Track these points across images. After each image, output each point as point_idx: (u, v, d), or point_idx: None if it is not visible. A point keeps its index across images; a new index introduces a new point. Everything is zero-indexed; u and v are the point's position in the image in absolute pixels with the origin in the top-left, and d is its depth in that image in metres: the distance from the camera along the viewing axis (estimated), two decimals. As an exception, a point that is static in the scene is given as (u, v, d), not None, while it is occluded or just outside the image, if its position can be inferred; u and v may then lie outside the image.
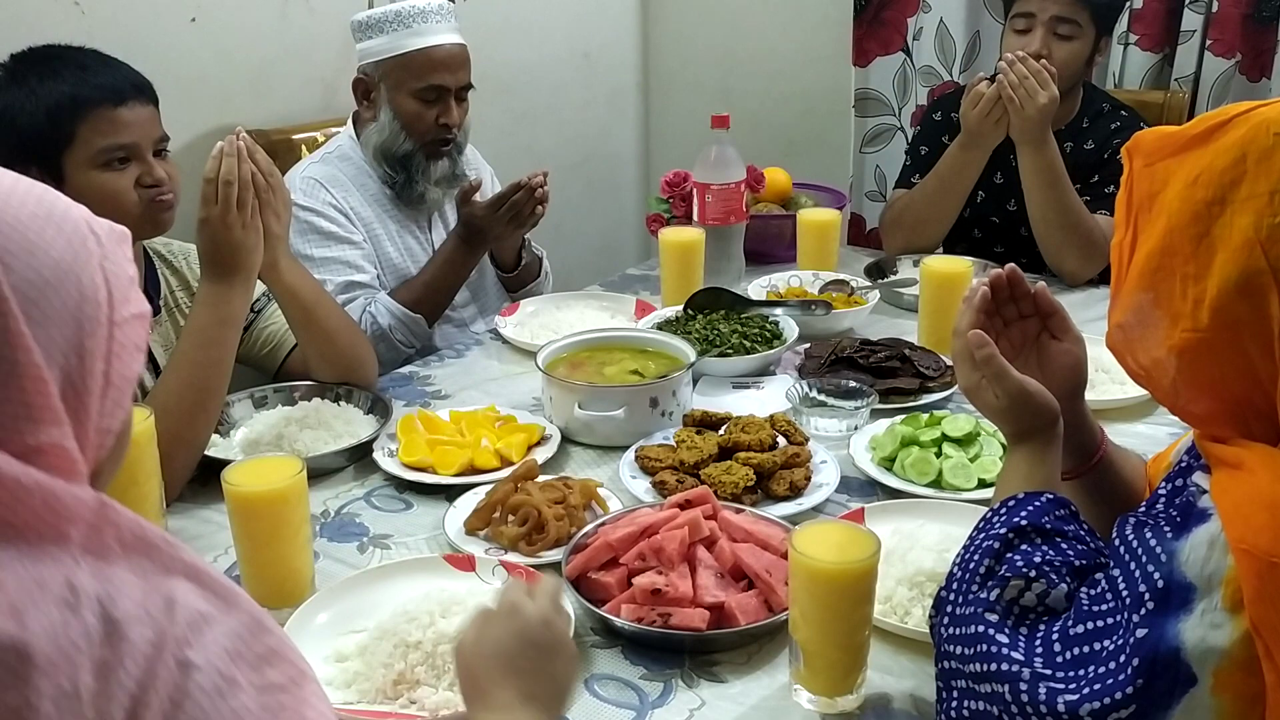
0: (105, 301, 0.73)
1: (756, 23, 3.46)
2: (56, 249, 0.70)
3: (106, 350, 0.73)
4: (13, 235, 0.69)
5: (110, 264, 0.75)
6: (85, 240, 0.73)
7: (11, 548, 0.64)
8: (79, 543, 0.66)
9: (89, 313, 0.71)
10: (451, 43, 2.15)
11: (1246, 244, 0.84)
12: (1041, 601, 0.95)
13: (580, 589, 1.25)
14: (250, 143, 1.60)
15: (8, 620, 0.61)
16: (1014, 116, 2.19)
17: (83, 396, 0.71)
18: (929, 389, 1.78)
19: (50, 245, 0.70)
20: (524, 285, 2.38)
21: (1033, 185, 2.26)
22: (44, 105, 1.56)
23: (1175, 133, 0.92)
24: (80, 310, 0.71)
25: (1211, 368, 0.89)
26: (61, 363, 0.69)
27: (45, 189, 0.74)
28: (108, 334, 0.73)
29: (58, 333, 0.69)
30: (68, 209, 0.74)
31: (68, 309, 0.70)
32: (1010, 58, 2.18)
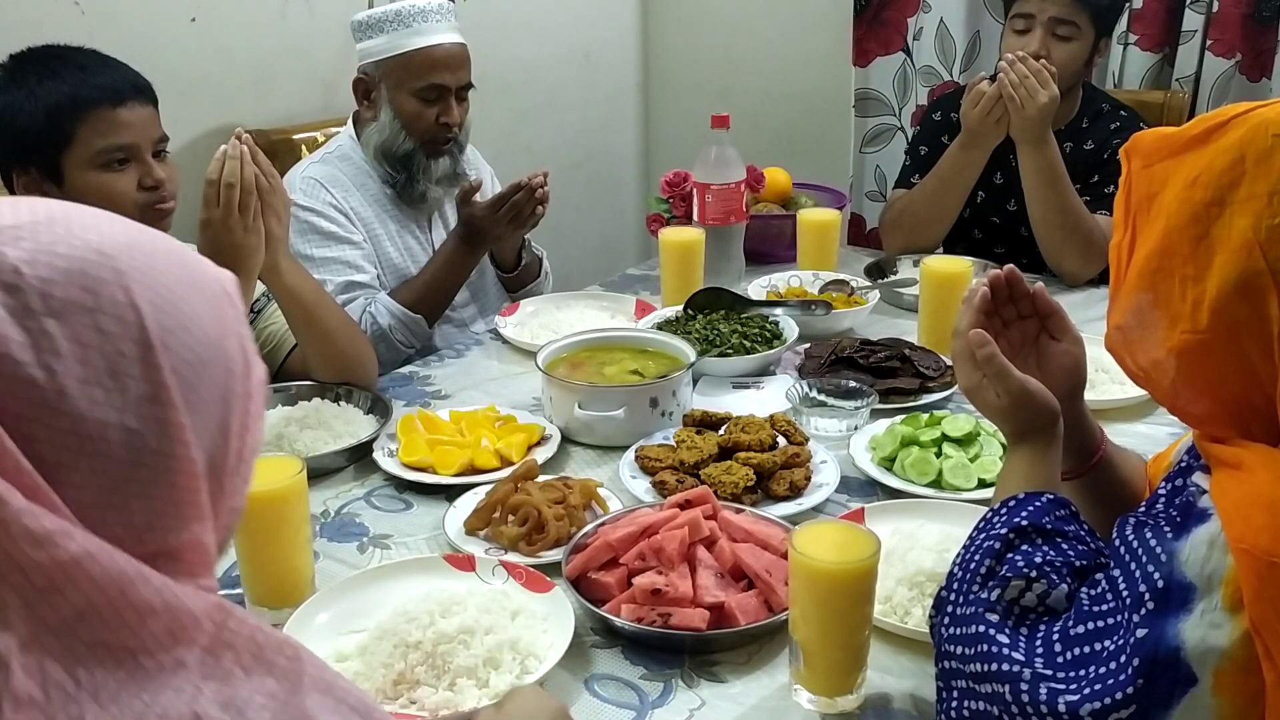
0: (241, 373, 0.67)
1: (756, 23, 3.46)
2: (207, 321, 0.64)
3: (242, 425, 0.67)
4: (169, 310, 0.61)
5: (241, 324, 0.68)
6: (224, 304, 0.67)
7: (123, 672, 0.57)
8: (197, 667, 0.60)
9: (233, 388, 0.66)
10: (451, 42, 2.15)
11: (1245, 245, 0.84)
12: (1042, 602, 0.95)
13: (580, 589, 1.25)
14: (251, 145, 1.60)
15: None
16: (1014, 116, 2.19)
17: (222, 480, 0.65)
18: (929, 389, 1.78)
19: (201, 318, 0.63)
20: (524, 285, 2.38)
21: (1033, 185, 2.26)
22: (43, 106, 1.56)
23: (1174, 134, 0.92)
24: (226, 387, 0.65)
25: (1211, 369, 0.89)
26: (209, 448, 0.64)
27: (179, 243, 0.67)
28: (244, 408, 0.67)
29: (209, 416, 0.63)
30: (204, 268, 0.67)
31: (217, 388, 0.64)
32: (1010, 57, 2.18)
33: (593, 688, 1.16)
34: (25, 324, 0.56)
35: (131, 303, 0.60)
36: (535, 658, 1.16)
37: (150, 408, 0.59)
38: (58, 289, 0.57)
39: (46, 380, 0.56)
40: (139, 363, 0.59)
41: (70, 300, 0.58)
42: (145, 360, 0.59)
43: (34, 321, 0.56)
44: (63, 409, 0.56)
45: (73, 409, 0.57)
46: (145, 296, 0.60)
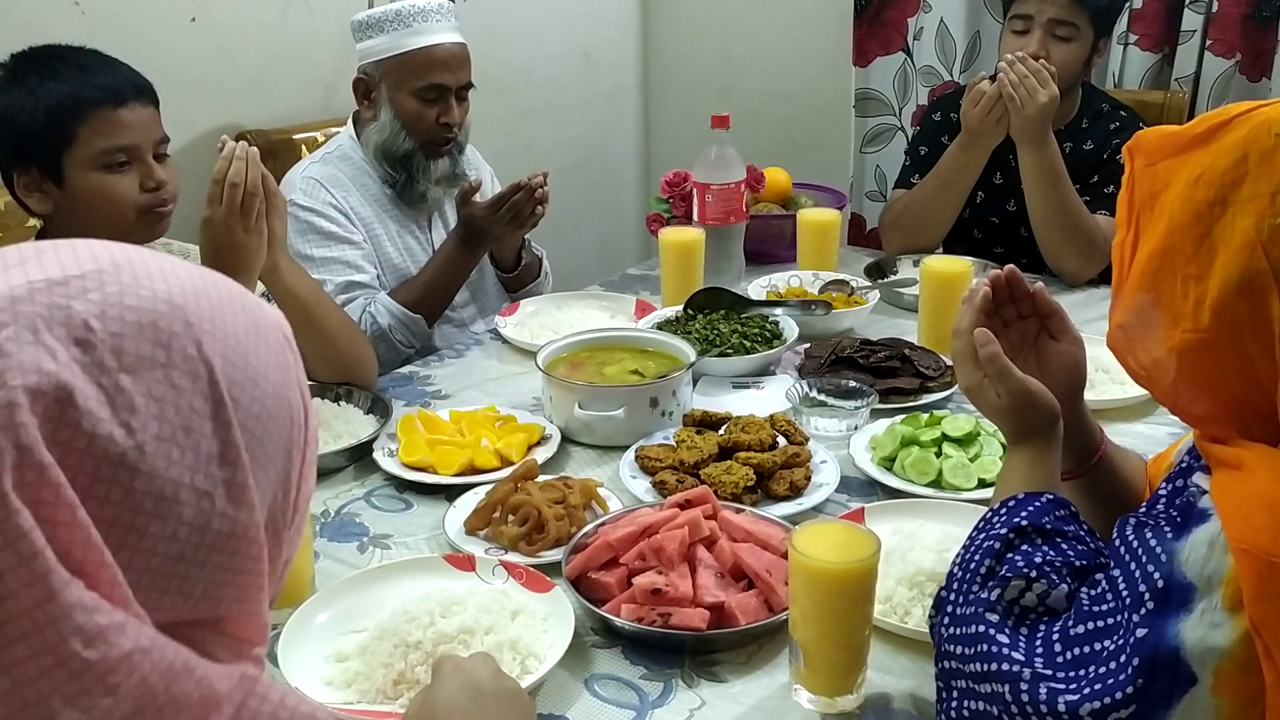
0: (302, 422, 0.64)
1: (756, 23, 3.46)
2: (272, 372, 0.61)
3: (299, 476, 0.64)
4: (239, 363, 0.59)
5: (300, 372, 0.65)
6: (285, 352, 0.63)
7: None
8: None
9: (295, 438, 0.62)
10: (452, 42, 2.15)
11: (1248, 244, 0.84)
12: (1042, 602, 0.95)
13: (580, 589, 1.25)
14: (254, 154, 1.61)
15: None
16: (1014, 115, 2.19)
17: (279, 534, 0.62)
18: (929, 389, 1.78)
19: (268, 369, 0.60)
20: (524, 285, 2.38)
21: (1033, 185, 2.26)
22: (44, 106, 1.56)
23: (1177, 132, 0.92)
24: (290, 439, 0.62)
25: (1212, 368, 0.89)
26: (271, 505, 0.61)
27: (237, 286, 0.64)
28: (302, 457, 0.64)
29: (273, 471, 0.60)
30: (266, 315, 0.64)
31: (281, 440, 0.61)
32: (1010, 57, 2.18)
33: (593, 688, 1.16)
34: (100, 380, 0.54)
35: (202, 356, 0.57)
36: (535, 658, 1.16)
37: (219, 468, 0.57)
38: (130, 343, 0.55)
39: (125, 438, 0.53)
40: (210, 420, 0.57)
41: (143, 355, 0.55)
42: (216, 417, 0.57)
43: (109, 378, 0.54)
44: (140, 468, 0.54)
45: (150, 468, 0.54)
46: (216, 349, 0.58)
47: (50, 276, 0.56)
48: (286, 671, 1.14)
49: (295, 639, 1.19)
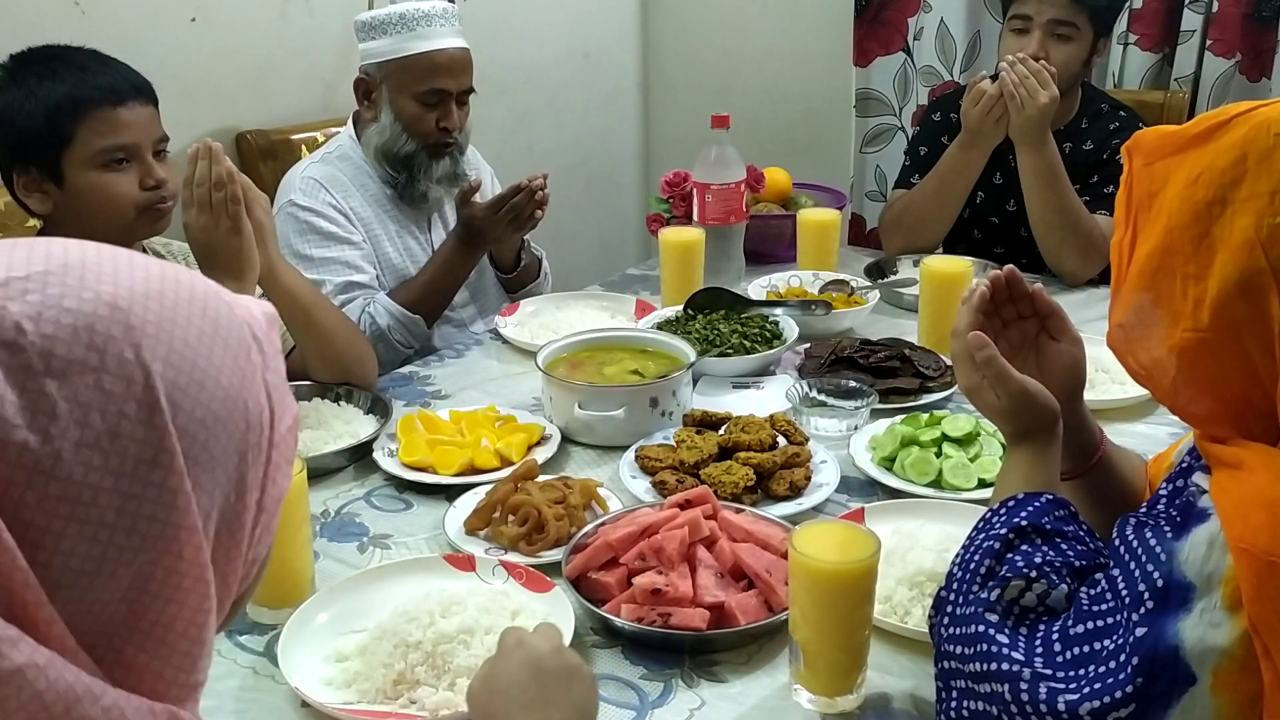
0: (268, 423, 0.64)
1: (756, 23, 3.46)
2: (225, 374, 0.61)
3: (263, 476, 0.64)
4: (184, 366, 0.58)
5: (271, 375, 0.65)
6: (249, 352, 0.63)
7: None
8: None
9: (252, 441, 0.62)
10: (455, 47, 2.15)
11: (1247, 244, 0.84)
12: (1042, 602, 0.95)
13: (580, 589, 1.25)
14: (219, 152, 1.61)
15: None
16: (1014, 116, 2.19)
17: (236, 534, 0.63)
18: (929, 389, 1.78)
19: (219, 371, 0.60)
20: (523, 286, 2.38)
21: (1032, 186, 2.26)
22: (43, 106, 1.56)
23: (1175, 132, 0.92)
24: (245, 441, 0.62)
25: (1212, 368, 0.89)
26: (220, 505, 0.61)
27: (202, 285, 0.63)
28: (266, 459, 0.64)
29: (222, 473, 0.60)
30: (230, 314, 0.64)
31: (233, 444, 0.61)
32: (1011, 58, 2.18)
33: (593, 687, 1.16)
34: (24, 384, 0.54)
35: (139, 360, 0.57)
36: (535, 657, 1.15)
37: (150, 471, 0.57)
38: (61, 347, 0.55)
39: (40, 444, 0.54)
40: (142, 425, 0.56)
41: (73, 359, 0.55)
42: (149, 422, 0.57)
43: (33, 382, 0.54)
44: (55, 474, 0.54)
45: (65, 473, 0.54)
46: (157, 353, 0.58)
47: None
48: (286, 671, 1.14)
49: (295, 639, 1.19)
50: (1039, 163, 2.23)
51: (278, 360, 0.66)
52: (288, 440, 0.66)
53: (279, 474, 0.65)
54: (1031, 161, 2.24)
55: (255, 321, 0.66)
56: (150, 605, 0.58)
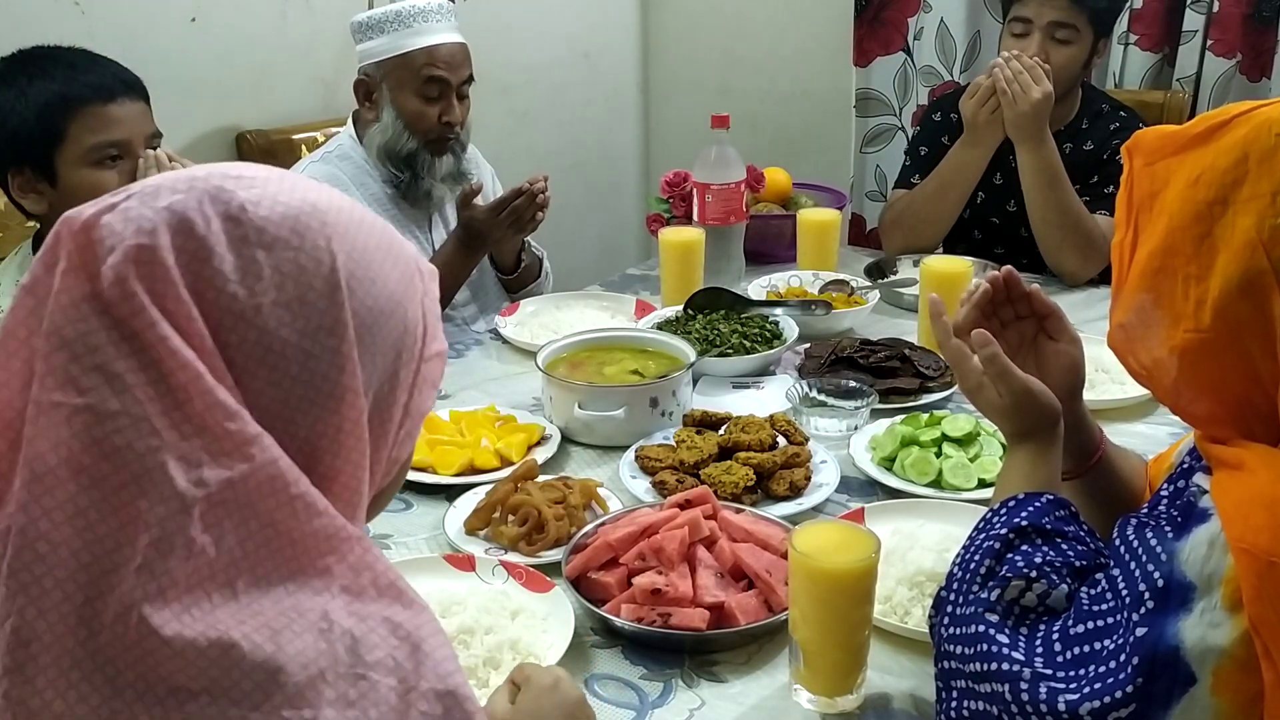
0: (421, 336, 0.75)
1: (756, 23, 3.46)
2: (393, 280, 0.72)
3: (412, 383, 0.74)
4: (362, 262, 0.70)
5: (429, 300, 0.77)
6: (415, 276, 0.75)
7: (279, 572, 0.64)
8: (339, 577, 0.66)
9: (408, 344, 0.73)
10: (452, 41, 2.15)
11: (1248, 244, 0.84)
12: (1042, 602, 0.95)
13: (580, 589, 1.25)
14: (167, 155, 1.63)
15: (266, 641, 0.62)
16: (1007, 111, 2.19)
17: (385, 425, 0.72)
18: (929, 389, 1.78)
19: (388, 278, 0.72)
20: (524, 286, 2.38)
21: (1031, 185, 2.25)
22: (34, 105, 1.56)
23: (1176, 132, 0.92)
24: (401, 341, 0.72)
25: (1213, 368, 0.89)
26: (376, 389, 0.71)
27: (385, 223, 0.75)
28: (416, 368, 0.74)
29: (381, 360, 0.71)
30: (403, 245, 0.76)
31: (393, 338, 0.72)
32: (1006, 55, 2.18)
33: (593, 688, 1.16)
34: (240, 250, 0.66)
35: (329, 249, 0.69)
36: (535, 658, 1.16)
37: (328, 338, 0.67)
38: (271, 226, 0.67)
39: (246, 297, 0.65)
40: (325, 298, 0.67)
41: (279, 237, 0.67)
42: (331, 297, 0.68)
43: (247, 249, 0.66)
44: (254, 322, 0.65)
45: (262, 324, 0.65)
46: (343, 247, 0.69)
47: (228, 172, 0.70)
48: (286, 671, 1.14)
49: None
50: (1038, 162, 2.23)
51: (435, 298, 0.78)
52: (435, 365, 0.77)
53: (426, 387, 0.76)
54: (1030, 160, 2.23)
55: (422, 260, 0.78)
56: (321, 457, 0.68)
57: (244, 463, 0.63)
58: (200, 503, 0.62)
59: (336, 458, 0.68)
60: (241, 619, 0.62)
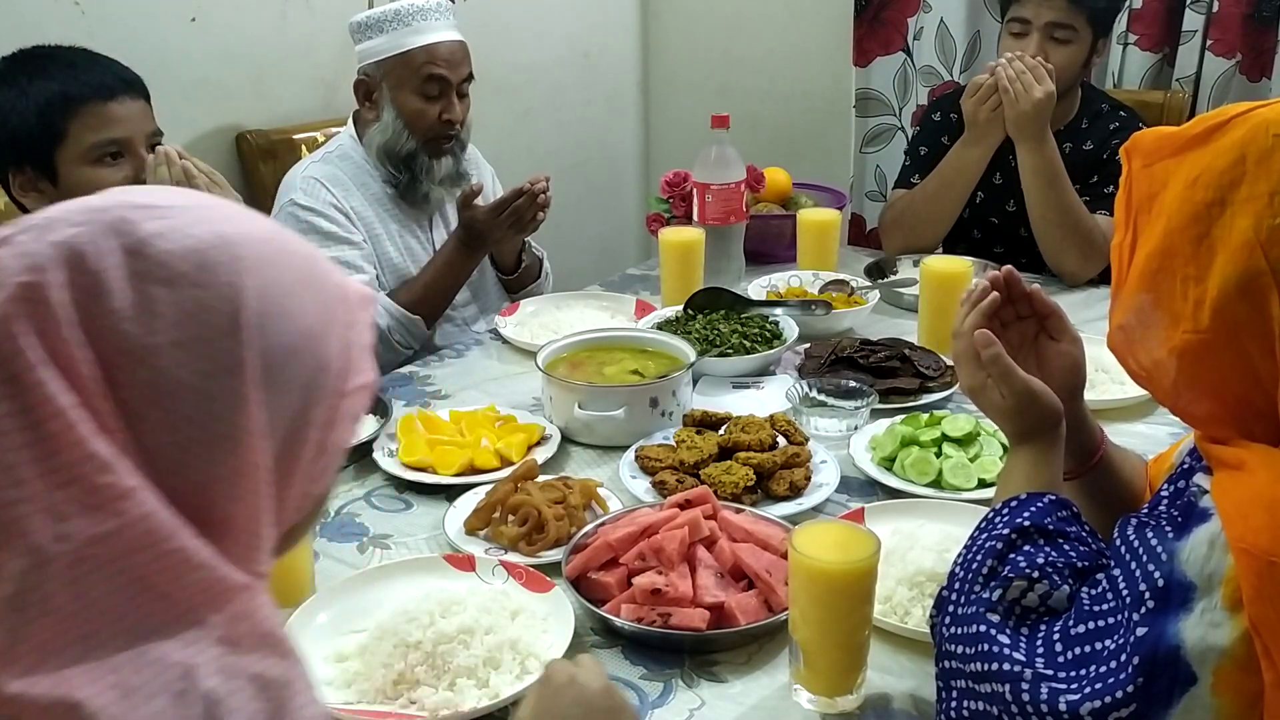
0: (339, 372, 0.71)
1: (756, 23, 3.46)
2: (310, 315, 0.69)
3: (328, 419, 0.71)
4: (271, 299, 0.67)
5: (356, 331, 0.74)
6: (337, 307, 0.73)
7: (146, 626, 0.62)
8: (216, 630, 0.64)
9: (323, 381, 0.70)
10: (451, 39, 2.15)
11: (1246, 245, 0.84)
12: (1044, 602, 0.95)
13: (580, 589, 1.25)
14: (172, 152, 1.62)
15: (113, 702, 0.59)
16: (1009, 109, 2.19)
17: (294, 464, 0.70)
18: (929, 389, 1.78)
19: (304, 311, 0.69)
20: (524, 286, 2.38)
21: (1032, 185, 2.26)
22: (35, 104, 1.56)
23: (1174, 133, 0.92)
24: (315, 379, 0.70)
25: (1212, 369, 0.89)
26: (283, 431, 0.68)
27: (311, 252, 0.73)
28: (335, 404, 0.71)
29: (290, 399, 0.68)
30: (327, 275, 0.73)
31: (305, 376, 0.69)
32: (1009, 55, 2.18)
33: (593, 688, 1.16)
34: (138, 286, 0.63)
35: (237, 284, 0.66)
36: (535, 658, 1.16)
37: (228, 378, 0.65)
38: (176, 261, 0.64)
39: (142, 336, 0.63)
40: (228, 337, 0.65)
41: (182, 273, 0.64)
42: (235, 337, 0.65)
43: (147, 286, 0.63)
44: (149, 363, 0.63)
45: (157, 364, 0.63)
46: (253, 282, 0.66)
47: (137, 200, 0.67)
48: (286, 671, 1.14)
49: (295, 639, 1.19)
50: (1038, 161, 2.23)
51: (362, 327, 0.75)
52: (359, 397, 0.74)
53: (346, 422, 0.73)
54: (1031, 160, 2.24)
55: (351, 288, 0.76)
56: (216, 501, 0.65)
57: (115, 518, 0.61)
58: (62, 558, 0.60)
59: (233, 501, 0.66)
60: (94, 678, 0.60)
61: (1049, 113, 2.19)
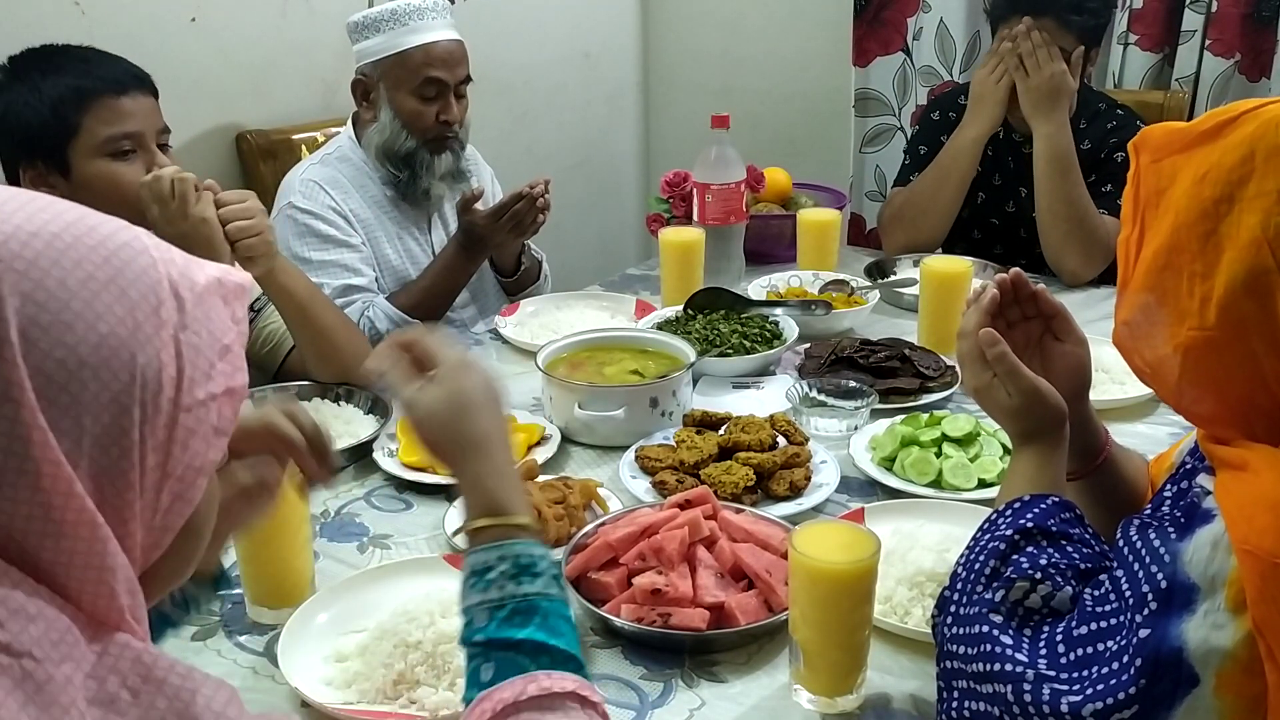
0: (170, 383, 0.62)
1: (756, 23, 3.46)
2: (107, 322, 0.60)
3: (164, 439, 0.62)
4: (50, 306, 0.58)
5: (191, 334, 0.64)
6: (157, 308, 0.62)
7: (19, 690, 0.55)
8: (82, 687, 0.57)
9: (141, 395, 0.61)
10: (449, 39, 2.15)
11: (1254, 242, 0.84)
12: (1046, 604, 0.95)
13: (580, 589, 1.25)
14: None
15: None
16: (1021, 84, 2.19)
17: (125, 494, 0.61)
18: (929, 389, 1.78)
19: (99, 317, 0.59)
20: (524, 289, 2.38)
21: (1044, 173, 2.24)
22: (48, 99, 1.57)
23: (1183, 129, 0.91)
24: (128, 394, 0.60)
25: (1217, 367, 0.89)
26: (95, 456, 0.59)
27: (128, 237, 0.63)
28: (168, 421, 0.62)
29: (92, 422, 0.59)
30: (146, 268, 0.63)
31: (110, 392, 0.59)
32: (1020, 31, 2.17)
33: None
34: None
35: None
36: (535, 658, 1.15)
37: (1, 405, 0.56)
38: None
39: None
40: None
41: None
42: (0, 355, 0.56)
43: None
44: None
45: None
46: (20, 288, 0.57)
47: None
48: (286, 671, 1.14)
49: (295, 639, 1.19)
50: (1052, 148, 2.20)
51: (213, 325, 0.65)
52: (210, 408, 0.64)
53: (193, 440, 0.63)
54: (1045, 146, 2.21)
55: (187, 281, 0.64)
56: (41, 542, 0.58)
57: None
58: None
59: (61, 539, 0.58)
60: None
61: (1063, 91, 2.17)
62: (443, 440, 0.93)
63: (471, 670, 0.84)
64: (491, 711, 0.80)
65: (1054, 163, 2.22)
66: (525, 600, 0.86)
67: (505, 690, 0.80)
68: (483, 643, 0.85)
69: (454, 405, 0.93)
